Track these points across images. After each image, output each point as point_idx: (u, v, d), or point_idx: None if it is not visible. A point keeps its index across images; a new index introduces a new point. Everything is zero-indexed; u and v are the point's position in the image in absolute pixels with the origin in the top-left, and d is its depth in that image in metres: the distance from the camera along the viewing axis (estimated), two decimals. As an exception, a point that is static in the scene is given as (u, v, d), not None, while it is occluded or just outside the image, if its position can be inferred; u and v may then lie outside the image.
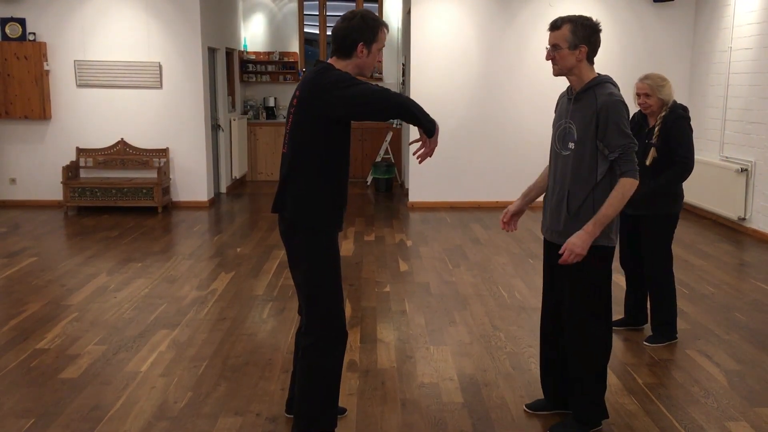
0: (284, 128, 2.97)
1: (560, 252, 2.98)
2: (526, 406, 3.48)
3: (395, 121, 10.94)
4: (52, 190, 8.76)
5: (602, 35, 3.07)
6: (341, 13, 2.94)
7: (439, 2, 8.75)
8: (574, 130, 3.00)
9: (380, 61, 3.01)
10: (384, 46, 2.94)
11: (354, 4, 11.79)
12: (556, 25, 2.99)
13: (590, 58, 3.02)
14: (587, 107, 2.97)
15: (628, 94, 4.02)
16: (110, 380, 3.77)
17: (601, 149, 2.94)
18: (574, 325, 3.13)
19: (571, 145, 3.01)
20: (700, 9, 8.69)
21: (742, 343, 4.34)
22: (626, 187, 2.90)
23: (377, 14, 2.84)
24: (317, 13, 11.87)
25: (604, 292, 3.09)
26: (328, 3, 11.84)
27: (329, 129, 2.82)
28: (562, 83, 3.14)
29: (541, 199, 3.37)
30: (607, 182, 2.96)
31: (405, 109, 2.80)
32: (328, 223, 2.90)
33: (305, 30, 11.90)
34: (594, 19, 3.01)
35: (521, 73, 8.90)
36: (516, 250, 6.73)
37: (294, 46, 11.85)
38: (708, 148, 8.12)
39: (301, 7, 11.79)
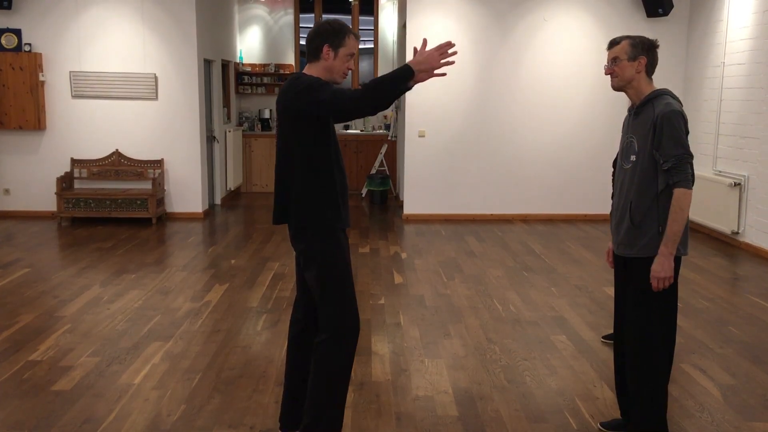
0: (275, 143, 3.06)
1: (650, 281, 2.97)
2: (601, 424, 3.42)
3: (390, 133, 10.96)
4: (46, 200, 8.73)
5: (596, 49, 3.10)
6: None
7: (434, 16, 8.80)
8: (635, 143, 3.04)
9: (351, 69, 3.08)
10: (354, 53, 2.99)
11: (350, 17, 11.85)
12: (615, 42, 3.09)
13: (649, 72, 3.06)
14: (646, 119, 3.00)
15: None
16: (103, 392, 3.75)
17: (656, 159, 2.94)
18: (634, 335, 3.10)
19: (633, 158, 3.05)
20: (693, 24, 8.76)
21: (737, 358, 4.34)
22: (681, 198, 2.89)
23: (360, 27, 2.92)
24: (313, 26, 11.90)
25: (668, 302, 3.06)
26: (324, 15, 11.89)
27: (311, 132, 2.90)
28: (559, 96, 3.18)
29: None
30: (669, 191, 2.95)
31: (379, 98, 2.72)
32: (332, 223, 2.95)
33: (301, 42, 11.95)
34: (651, 38, 3.10)
35: (516, 87, 8.94)
36: (511, 263, 6.73)
37: (290, 58, 11.89)
38: (701, 163, 8.17)
39: (296, 20, 11.84)
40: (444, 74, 2.88)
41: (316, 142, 2.91)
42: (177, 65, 8.67)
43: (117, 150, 8.74)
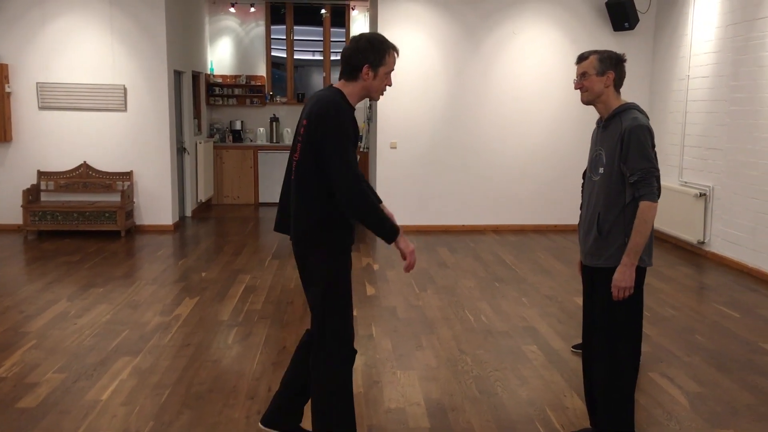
0: (290, 154, 2.99)
1: (612, 289, 3.02)
2: None
3: (362, 144, 10.98)
4: (12, 213, 8.56)
5: (564, 62, 3.15)
6: (308, 38, 2.99)
7: (405, 29, 8.86)
8: (604, 155, 3.09)
9: (389, 85, 3.10)
10: (393, 69, 2.94)
11: (321, 29, 11.88)
12: (583, 57, 3.14)
13: (617, 86, 3.12)
14: (614, 132, 3.05)
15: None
16: (70, 409, 3.68)
17: (624, 172, 3.00)
18: (601, 343, 3.13)
19: (601, 170, 3.10)
20: (658, 38, 8.94)
21: (703, 365, 4.41)
22: (645, 211, 2.94)
23: (383, 39, 2.93)
24: (284, 38, 11.91)
25: (633, 312, 3.09)
26: (295, 27, 11.90)
27: None
28: (529, 108, 3.24)
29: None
30: (636, 203, 3.00)
31: (365, 218, 2.84)
32: (341, 243, 2.96)
33: (272, 54, 11.93)
34: (619, 52, 3.16)
35: (487, 99, 9.03)
36: (482, 274, 6.77)
37: (261, 70, 11.86)
38: (668, 174, 8.31)
39: (268, 31, 11.83)
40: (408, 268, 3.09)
41: None
42: (146, 76, 8.60)
43: (85, 162, 8.63)
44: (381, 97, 3.01)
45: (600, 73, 3.08)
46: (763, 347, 4.75)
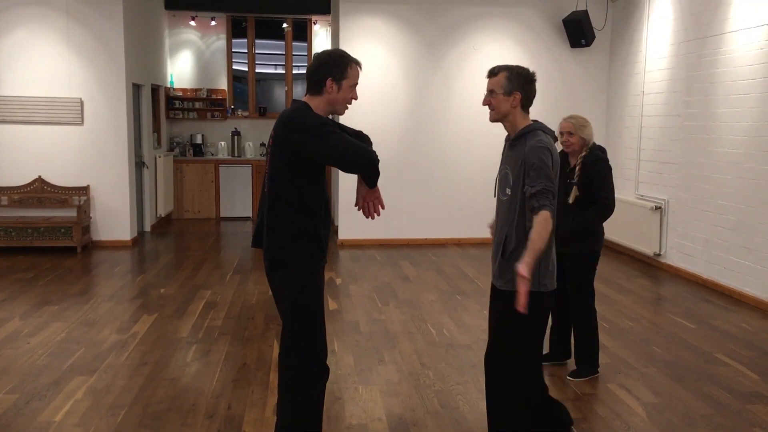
0: (264, 168, 3.04)
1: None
2: None
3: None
4: (-37, 229, 8.32)
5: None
6: (270, 51, 3.02)
7: (367, 44, 8.90)
8: (510, 176, 3.03)
9: (355, 99, 3.12)
10: (357, 83, 2.98)
11: (283, 43, 11.86)
12: (493, 72, 3.09)
13: (525, 106, 3.06)
14: (518, 154, 2.99)
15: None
16: (22, 431, 3.57)
17: (525, 191, 2.93)
18: (493, 366, 3.13)
19: (508, 191, 3.03)
20: (614, 55, 9.15)
21: (660, 376, 4.49)
22: (544, 217, 2.80)
23: (343, 54, 2.98)
24: (246, 51, 11.86)
25: (530, 334, 3.05)
26: (256, 41, 11.86)
27: (305, 166, 2.88)
28: (489, 123, 3.23)
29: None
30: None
31: (373, 168, 2.96)
32: (311, 258, 2.95)
33: (234, 67, 11.87)
34: (530, 70, 3.09)
35: (448, 114, 9.11)
36: (444, 287, 6.79)
37: (222, 83, 11.77)
38: (624, 187, 8.48)
39: (229, 45, 11.76)
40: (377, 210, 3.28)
41: (309, 182, 2.91)
42: (104, 90, 8.47)
43: (40, 176, 8.43)
44: (346, 110, 3.06)
45: (507, 93, 3.01)
46: (718, 358, 4.85)
